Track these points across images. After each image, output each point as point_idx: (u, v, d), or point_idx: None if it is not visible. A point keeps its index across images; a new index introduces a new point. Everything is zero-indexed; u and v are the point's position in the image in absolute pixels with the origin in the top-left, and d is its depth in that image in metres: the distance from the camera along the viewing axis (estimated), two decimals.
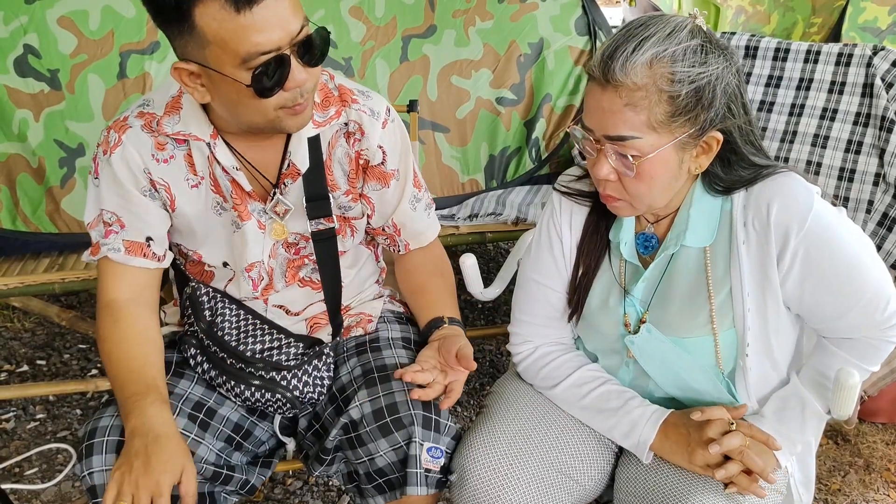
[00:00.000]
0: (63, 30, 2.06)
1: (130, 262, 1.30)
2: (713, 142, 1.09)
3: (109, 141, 1.26)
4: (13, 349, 2.65)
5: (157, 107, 1.27)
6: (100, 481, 1.18)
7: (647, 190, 1.11)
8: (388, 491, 1.26)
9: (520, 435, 1.25)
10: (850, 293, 1.14)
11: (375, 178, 1.37)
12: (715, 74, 1.04)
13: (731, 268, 1.16)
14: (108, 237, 1.30)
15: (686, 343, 1.21)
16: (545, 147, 2.45)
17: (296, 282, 1.41)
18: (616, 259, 1.27)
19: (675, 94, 1.02)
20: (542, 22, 2.41)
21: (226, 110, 1.19)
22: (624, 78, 1.02)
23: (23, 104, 2.05)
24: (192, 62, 1.11)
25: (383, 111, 1.35)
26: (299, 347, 1.36)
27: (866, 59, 1.95)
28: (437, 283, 1.46)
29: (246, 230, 1.32)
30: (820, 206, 1.10)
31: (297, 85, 1.13)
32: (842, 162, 2.00)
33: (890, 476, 2.06)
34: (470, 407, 2.38)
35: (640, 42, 1.02)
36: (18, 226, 2.11)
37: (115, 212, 1.29)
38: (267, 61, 1.08)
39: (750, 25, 3.18)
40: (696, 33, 1.05)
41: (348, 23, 2.30)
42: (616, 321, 1.27)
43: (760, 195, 1.12)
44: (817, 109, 2.04)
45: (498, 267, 2.49)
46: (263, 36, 1.06)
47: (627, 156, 1.06)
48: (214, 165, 1.28)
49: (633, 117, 1.04)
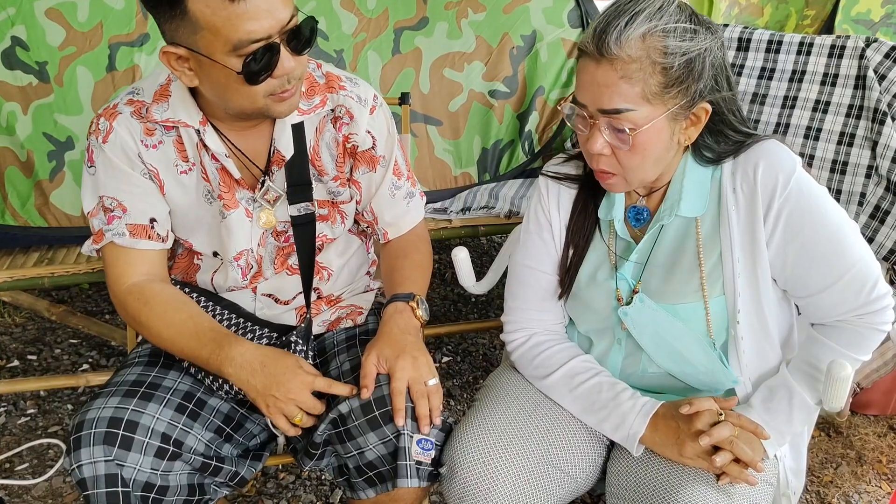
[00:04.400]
0: (51, 22, 2.04)
1: (137, 245, 1.30)
2: (702, 113, 1.13)
3: (101, 129, 1.27)
4: (3, 344, 2.63)
5: (146, 95, 1.28)
6: (89, 474, 1.17)
7: (641, 162, 1.14)
8: (379, 484, 1.25)
9: (510, 427, 1.24)
10: (832, 265, 1.16)
11: (365, 163, 1.39)
12: (704, 47, 1.08)
13: (720, 234, 1.19)
14: (112, 223, 1.29)
15: (678, 310, 1.22)
16: (538, 140, 2.44)
17: (284, 269, 1.41)
18: (606, 235, 1.29)
19: (668, 65, 1.06)
20: (535, 14, 2.40)
21: (214, 95, 1.20)
22: (619, 51, 1.05)
23: (11, 97, 2.03)
24: (182, 46, 1.12)
25: (371, 98, 1.36)
26: (272, 338, 1.36)
27: (859, 51, 1.95)
28: (403, 263, 1.44)
29: (231, 220, 1.32)
30: (803, 173, 1.15)
31: (286, 72, 1.15)
32: (834, 154, 2.00)
33: (881, 468, 2.06)
34: (462, 400, 2.38)
35: (632, 16, 1.05)
36: (7, 220, 2.09)
37: (116, 196, 1.29)
38: (257, 49, 1.10)
39: (743, 18, 3.17)
40: (683, 9, 1.09)
41: (340, 15, 2.28)
42: (608, 295, 1.28)
43: (747, 159, 1.17)
44: (810, 102, 2.04)
45: (490, 260, 2.48)
46: (255, 24, 1.08)
47: (623, 129, 1.09)
48: (203, 153, 1.29)
49: (628, 89, 1.07)
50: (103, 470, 1.17)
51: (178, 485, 1.25)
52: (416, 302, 1.34)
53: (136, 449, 1.19)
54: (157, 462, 1.21)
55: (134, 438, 1.19)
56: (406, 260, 1.44)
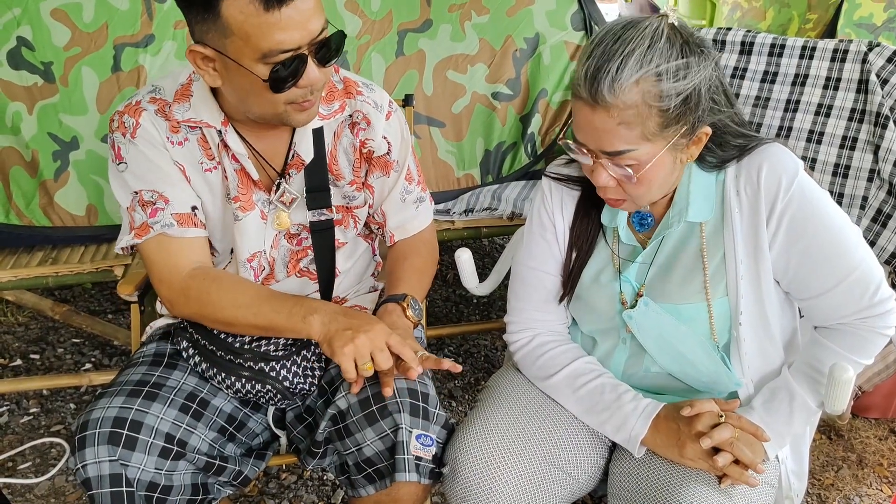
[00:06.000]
0: (57, 22, 2.05)
1: (187, 234, 1.30)
2: (703, 135, 1.14)
3: (127, 125, 1.27)
4: (7, 343, 2.64)
5: (167, 94, 1.29)
6: (94, 473, 1.18)
7: (647, 190, 1.15)
8: (378, 480, 1.26)
9: (513, 428, 1.25)
10: (835, 267, 1.16)
11: (380, 168, 1.40)
12: (699, 80, 1.06)
13: (724, 235, 1.20)
14: (157, 215, 1.28)
15: (681, 310, 1.23)
16: (541, 142, 2.45)
17: (296, 272, 1.42)
18: (611, 239, 1.30)
19: (664, 107, 1.05)
20: (538, 17, 2.40)
21: (236, 98, 1.21)
22: (613, 99, 1.04)
23: (16, 97, 2.04)
24: (210, 48, 1.13)
25: (386, 104, 1.38)
26: (288, 338, 1.36)
27: (861, 55, 1.95)
28: (402, 266, 1.45)
29: (246, 222, 1.33)
30: (806, 177, 1.15)
31: (311, 83, 1.16)
32: (836, 158, 2.00)
33: (882, 471, 2.06)
34: (465, 402, 2.38)
35: (623, 60, 1.02)
36: (11, 219, 2.10)
37: (155, 189, 1.28)
38: (286, 59, 1.11)
39: (745, 21, 3.18)
40: (673, 39, 1.05)
41: (344, 17, 2.29)
42: (612, 299, 1.28)
43: (751, 163, 1.17)
44: (812, 105, 2.04)
45: (493, 262, 2.49)
46: (287, 35, 1.09)
47: (627, 166, 1.09)
48: (224, 153, 1.30)
49: (627, 133, 1.06)
50: (108, 470, 1.18)
51: (182, 484, 1.25)
52: (406, 302, 1.34)
53: (141, 449, 1.19)
54: (161, 462, 1.21)
55: (138, 438, 1.19)
56: (405, 263, 1.45)
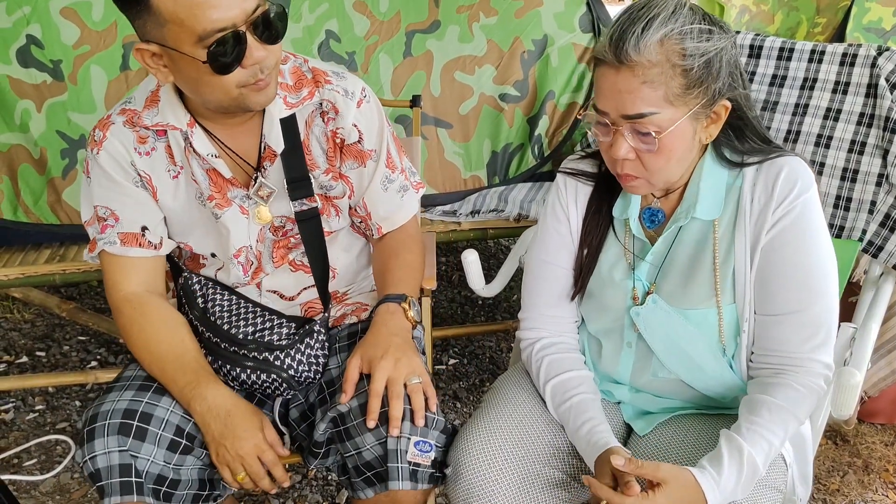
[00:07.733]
0: (66, 20, 2.05)
1: (128, 253, 1.32)
2: (722, 110, 1.15)
3: (96, 139, 1.29)
4: (13, 340, 2.65)
5: (137, 103, 1.30)
6: (103, 464, 1.19)
7: (666, 163, 1.15)
8: (377, 483, 1.25)
9: (516, 430, 1.25)
10: (799, 294, 1.15)
11: (352, 157, 1.38)
12: (721, 47, 1.09)
13: (735, 241, 1.19)
14: (105, 232, 1.32)
15: (690, 315, 1.22)
16: (548, 144, 2.45)
17: (285, 263, 1.42)
18: (622, 234, 1.29)
19: (688, 67, 1.07)
20: (547, 18, 2.40)
21: (189, 90, 1.21)
22: (638, 57, 1.06)
23: (25, 94, 2.05)
24: (153, 42, 1.14)
25: (358, 91, 1.36)
26: (291, 327, 1.37)
27: (871, 59, 1.94)
28: (395, 263, 1.43)
29: (226, 219, 1.34)
30: (815, 196, 1.16)
31: (256, 62, 1.15)
32: (845, 162, 1.99)
33: (888, 477, 2.05)
34: (469, 403, 2.38)
35: (648, 22, 1.06)
36: (20, 216, 2.11)
37: (109, 206, 1.31)
38: (223, 38, 1.10)
39: (754, 25, 3.17)
40: (695, 11, 1.10)
41: (352, 17, 2.29)
42: (624, 295, 1.28)
43: (769, 170, 1.18)
44: (821, 109, 2.03)
45: (499, 264, 2.48)
46: (219, 13, 1.09)
47: (649, 132, 1.10)
48: (191, 155, 1.30)
49: (650, 93, 1.07)
50: (117, 460, 1.19)
51: (189, 479, 1.27)
52: (408, 303, 1.34)
53: (150, 440, 1.20)
54: (170, 455, 1.22)
55: (148, 430, 1.20)
56: (398, 260, 1.44)
